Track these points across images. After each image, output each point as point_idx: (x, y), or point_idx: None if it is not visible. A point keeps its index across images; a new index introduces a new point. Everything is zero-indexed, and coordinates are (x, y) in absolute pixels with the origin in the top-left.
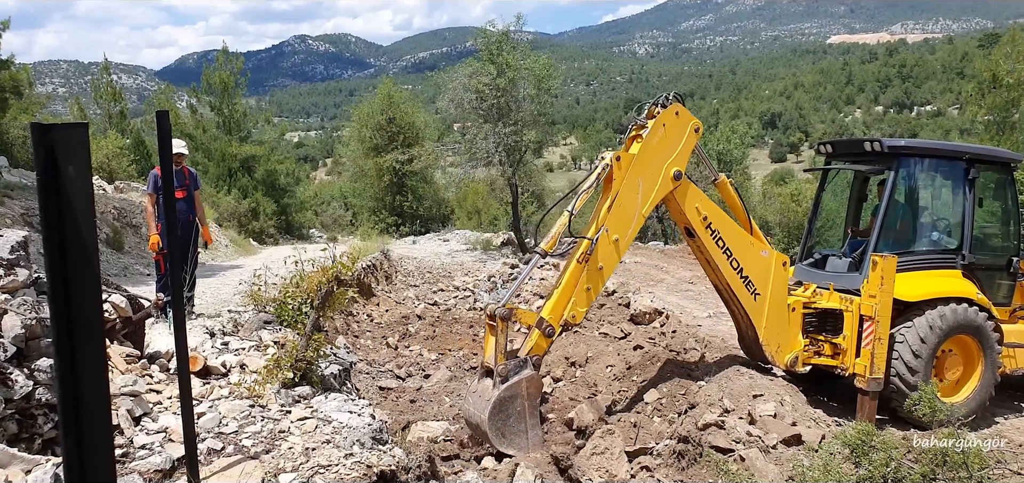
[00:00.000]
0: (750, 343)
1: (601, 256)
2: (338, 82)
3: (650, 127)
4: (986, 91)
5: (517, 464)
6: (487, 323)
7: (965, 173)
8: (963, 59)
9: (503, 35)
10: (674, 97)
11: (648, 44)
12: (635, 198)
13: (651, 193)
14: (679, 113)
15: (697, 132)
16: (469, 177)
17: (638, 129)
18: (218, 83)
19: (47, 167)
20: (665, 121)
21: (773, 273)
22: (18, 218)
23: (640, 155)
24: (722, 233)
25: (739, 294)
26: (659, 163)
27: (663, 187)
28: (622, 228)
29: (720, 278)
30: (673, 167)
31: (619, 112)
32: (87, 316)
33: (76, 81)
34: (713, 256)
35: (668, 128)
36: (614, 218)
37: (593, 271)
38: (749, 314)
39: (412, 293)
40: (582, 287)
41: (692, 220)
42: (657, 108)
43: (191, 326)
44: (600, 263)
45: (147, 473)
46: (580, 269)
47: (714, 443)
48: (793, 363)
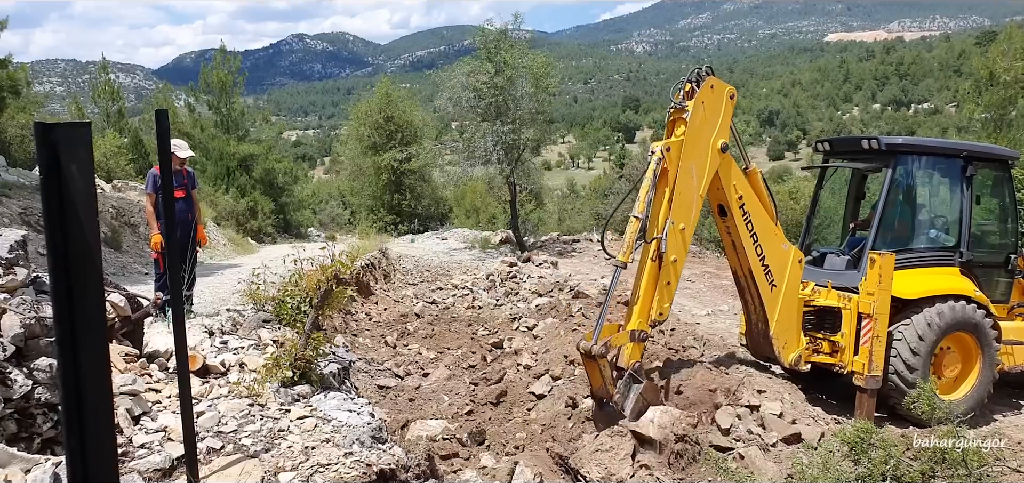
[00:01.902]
0: (758, 337)
1: (672, 249)
2: (336, 81)
3: (691, 108)
4: (983, 89)
5: (516, 462)
6: (585, 361)
7: (963, 170)
8: (960, 57)
9: (501, 33)
10: (707, 70)
11: (646, 42)
12: (691, 182)
13: (704, 172)
14: (714, 86)
15: (732, 99)
16: (467, 175)
17: (678, 113)
18: (216, 82)
19: (50, 166)
20: (703, 98)
21: (790, 267)
22: (16, 217)
23: (688, 139)
24: (752, 216)
25: (759, 282)
26: (705, 141)
27: (713, 162)
28: (685, 215)
29: (742, 263)
30: (719, 140)
31: (617, 110)
32: (90, 315)
33: (74, 80)
34: (741, 238)
35: (707, 104)
36: (676, 208)
37: (668, 266)
38: (764, 304)
39: (411, 292)
40: (662, 283)
41: (729, 197)
42: (689, 85)
43: (190, 325)
44: (673, 256)
45: (147, 472)
46: (655, 268)
47: (714, 442)
48: (797, 362)
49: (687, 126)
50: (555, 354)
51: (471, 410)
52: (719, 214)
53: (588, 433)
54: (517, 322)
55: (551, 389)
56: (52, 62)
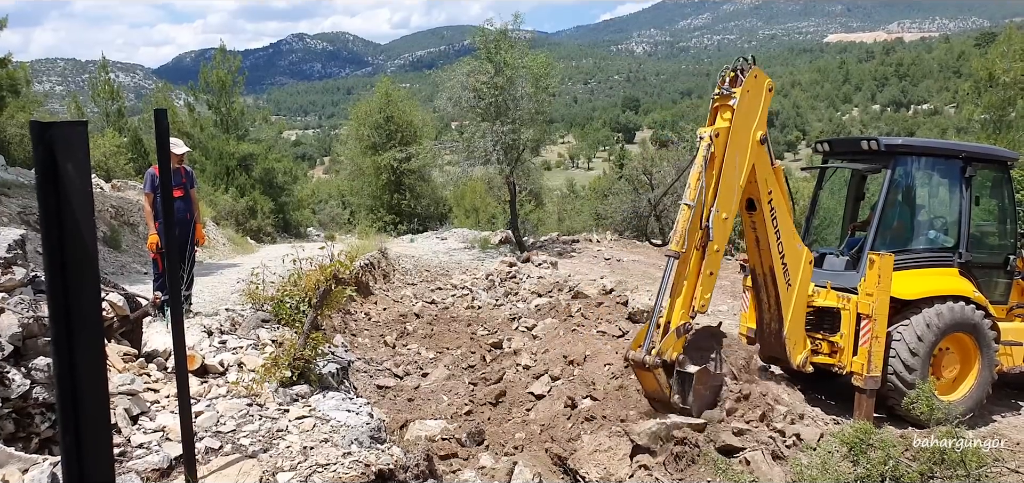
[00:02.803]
0: (769, 337)
1: (717, 237)
2: (336, 80)
3: (738, 95)
4: (982, 90)
5: (515, 462)
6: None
7: (962, 171)
8: (960, 58)
9: (501, 34)
10: (751, 60)
11: (646, 43)
12: (734, 171)
13: (745, 162)
14: (757, 75)
15: (770, 92)
16: (467, 175)
17: (723, 100)
18: (216, 81)
19: (46, 165)
20: (749, 87)
21: (802, 267)
22: (15, 216)
23: (735, 127)
24: (777, 213)
25: (778, 279)
26: (748, 131)
27: (752, 154)
28: (728, 205)
29: (763, 260)
30: (758, 131)
31: (617, 111)
32: (86, 315)
33: (73, 79)
34: (765, 234)
35: (751, 93)
36: (722, 196)
37: (711, 254)
38: (781, 302)
39: (410, 292)
40: (705, 273)
41: (761, 191)
42: (732, 73)
43: (189, 325)
44: (716, 245)
45: (145, 472)
46: (700, 256)
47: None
48: (804, 363)
49: (734, 114)
50: (554, 354)
51: (470, 410)
52: (747, 208)
53: (587, 433)
54: (516, 322)
55: (550, 389)
56: (52, 61)
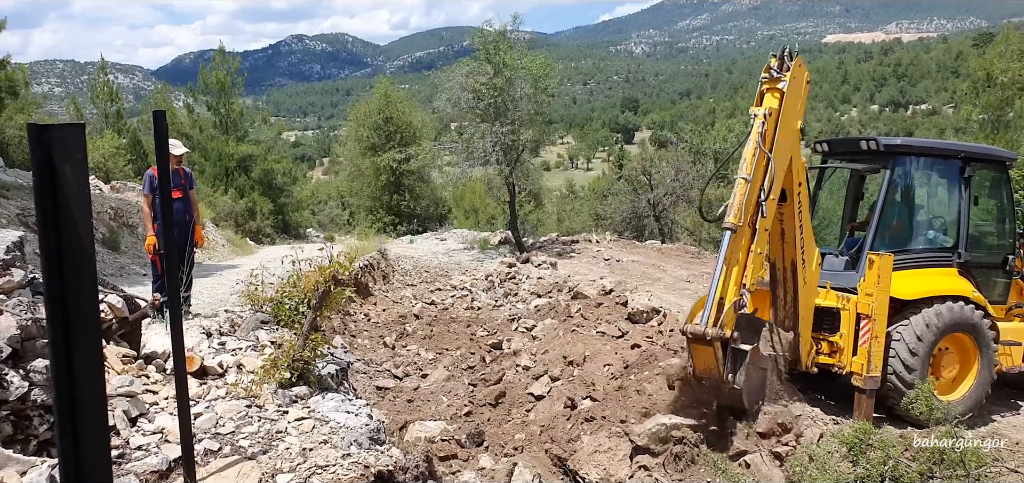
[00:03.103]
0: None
1: (769, 215)
2: (335, 81)
3: (788, 80)
4: (981, 90)
5: (515, 463)
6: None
7: (961, 171)
8: (958, 58)
9: (500, 34)
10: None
11: (645, 43)
12: (784, 153)
13: (787, 150)
14: (801, 65)
15: (808, 84)
16: (466, 176)
17: (772, 83)
18: (215, 82)
19: (44, 167)
20: (795, 74)
21: (813, 266)
22: (14, 218)
23: (784, 111)
24: (803, 207)
25: (798, 275)
26: (792, 118)
27: (793, 144)
28: (777, 185)
29: (786, 253)
30: (798, 121)
31: (616, 111)
32: (84, 317)
33: (72, 81)
34: (792, 226)
35: (796, 81)
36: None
37: (762, 232)
38: (799, 299)
39: (409, 292)
40: (755, 251)
41: (793, 183)
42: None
43: (188, 326)
44: (767, 224)
45: (143, 474)
46: (750, 234)
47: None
48: (811, 363)
49: (784, 97)
50: (554, 355)
51: (470, 411)
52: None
53: (586, 434)
54: (516, 323)
55: (550, 390)
56: (51, 63)
